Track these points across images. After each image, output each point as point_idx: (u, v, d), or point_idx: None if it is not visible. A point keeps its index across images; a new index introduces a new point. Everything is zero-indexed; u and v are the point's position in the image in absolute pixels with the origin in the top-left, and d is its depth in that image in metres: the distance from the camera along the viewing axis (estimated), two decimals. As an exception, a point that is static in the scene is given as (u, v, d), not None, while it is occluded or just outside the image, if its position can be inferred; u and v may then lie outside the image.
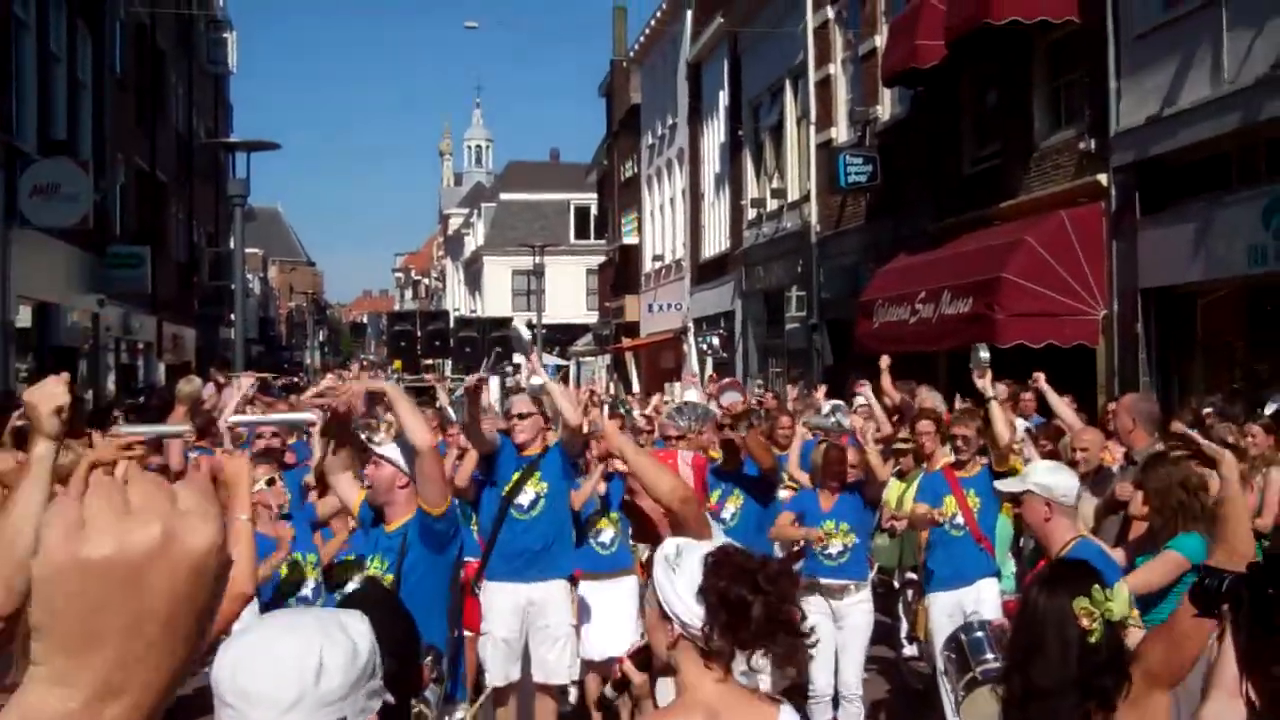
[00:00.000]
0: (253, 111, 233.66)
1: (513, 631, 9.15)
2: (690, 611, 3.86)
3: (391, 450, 6.77)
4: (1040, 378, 11.37)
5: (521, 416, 9.34)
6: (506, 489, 9.12)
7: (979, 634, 5.89)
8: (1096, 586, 4.01)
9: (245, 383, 12.33)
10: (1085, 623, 3.94)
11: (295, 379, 36.14)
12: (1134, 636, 4.23)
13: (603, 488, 10.00)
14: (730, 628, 3.84)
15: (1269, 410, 11.77)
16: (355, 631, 2.73)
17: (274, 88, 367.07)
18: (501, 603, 9.15)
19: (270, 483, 8.36)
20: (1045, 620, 4.05)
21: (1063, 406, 11.28)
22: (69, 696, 1.13)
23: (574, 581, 9.63)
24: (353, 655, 2.66)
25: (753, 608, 3.83)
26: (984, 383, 10.20)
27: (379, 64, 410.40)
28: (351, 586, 6.71)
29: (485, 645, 9.20)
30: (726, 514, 10.51)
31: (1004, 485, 6.85)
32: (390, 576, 6.40)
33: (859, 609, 10.03)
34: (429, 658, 5.39)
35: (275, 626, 2.77)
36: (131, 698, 1.15)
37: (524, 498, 9.13)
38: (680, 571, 4.06)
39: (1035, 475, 6.73)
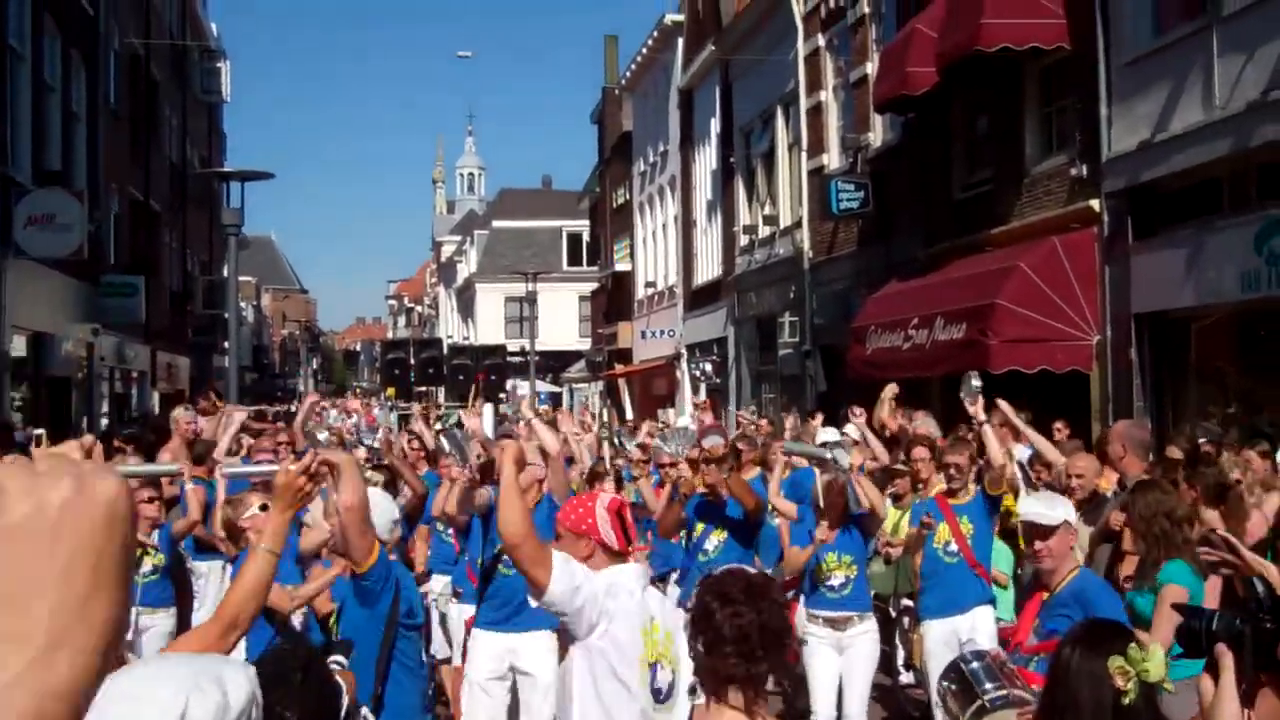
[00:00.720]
0: (247, 139, 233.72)
1: (495, 677, 9.12)
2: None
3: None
4: (1001, 404, 11.34)
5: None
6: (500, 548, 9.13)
7: (975, 665, 5.90)
8: (1133, 646, 3.96)
9: (237, 417, 12.36)
10: (1120, 683, 3.88)
11: (289, 408, 36.11)
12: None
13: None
14: (708, 647, 3.88)
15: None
16: (231, 683, 2.71)
17: (268, 116, 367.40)
18: (487, 649, 9.14)
19: (264, 508, 8.37)
20: (1079, 680, 3.98)
21: (1032, 433, 11.26)
22: (21, 650, 1.20)
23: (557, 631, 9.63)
24: (221, 709, 2.64)
25: (721, 623, 3.86)
26: (975, 409, 10.26)
27: (372, 92, 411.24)
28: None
29: (468, 691, 9.19)
30: (709, 545, 10.53)
31: (1034, 517, 6.84)
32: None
33: (864, 639, 10.04)
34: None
35: (148, 671, 2.76)
36: (78, 642, 1.23)
37: None
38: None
39: (1064, 508, 6.81)
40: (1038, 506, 6.96)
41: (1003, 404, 11.09)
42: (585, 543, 5.64)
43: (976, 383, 10.61)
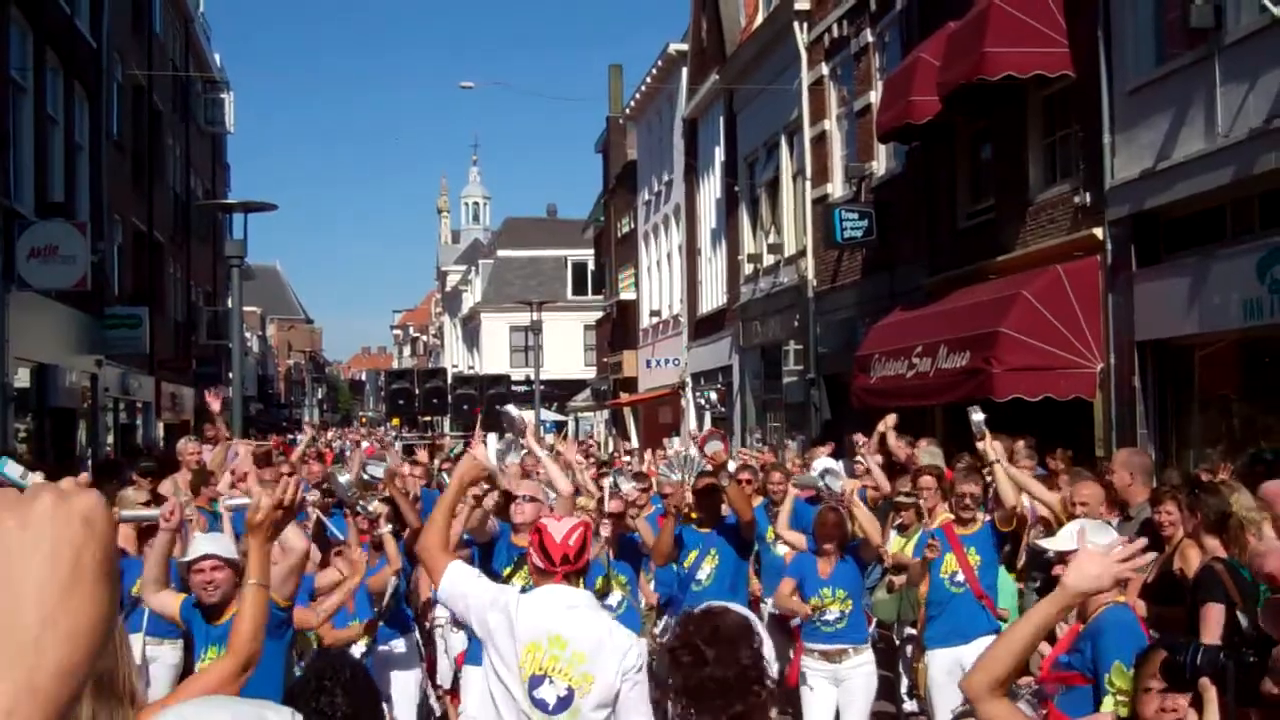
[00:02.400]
0: (251, 170, 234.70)
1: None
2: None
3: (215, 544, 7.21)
4: (997, 465, 11.07)
5: (526, 499, 9.31)
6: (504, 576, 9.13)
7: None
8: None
9: (242, 450, 12.33)
10: None
11: (292, 437, 36.11)
12: None
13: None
14: (672, 691, 3.88)
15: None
16: None
17: (272, 146, 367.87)
18: (479, 685, 9.10)
19: None
20: None
21: (1016, 473, 11.10)
22: (13, 634, 1.35)
23: None
24: None
25: (682, 667, 3.85)
26: (984, 445, 10.21)
27: (376, 122, 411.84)
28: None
29: None
30: (702, 574, 10.52)
31: (1053, 544, 6.75)
32: None
33: (860, 671, 10.01)
34: None
35: (189, 712, 2.72)
36: (64, 627, 1.37)
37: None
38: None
39: (1095, 534, 6.70)
40: (1062, 537, 6.82)
41: (999, 465, 10.61)
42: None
43: (978, 417, 10.56)
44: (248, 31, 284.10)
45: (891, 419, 14.67)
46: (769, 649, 4.09)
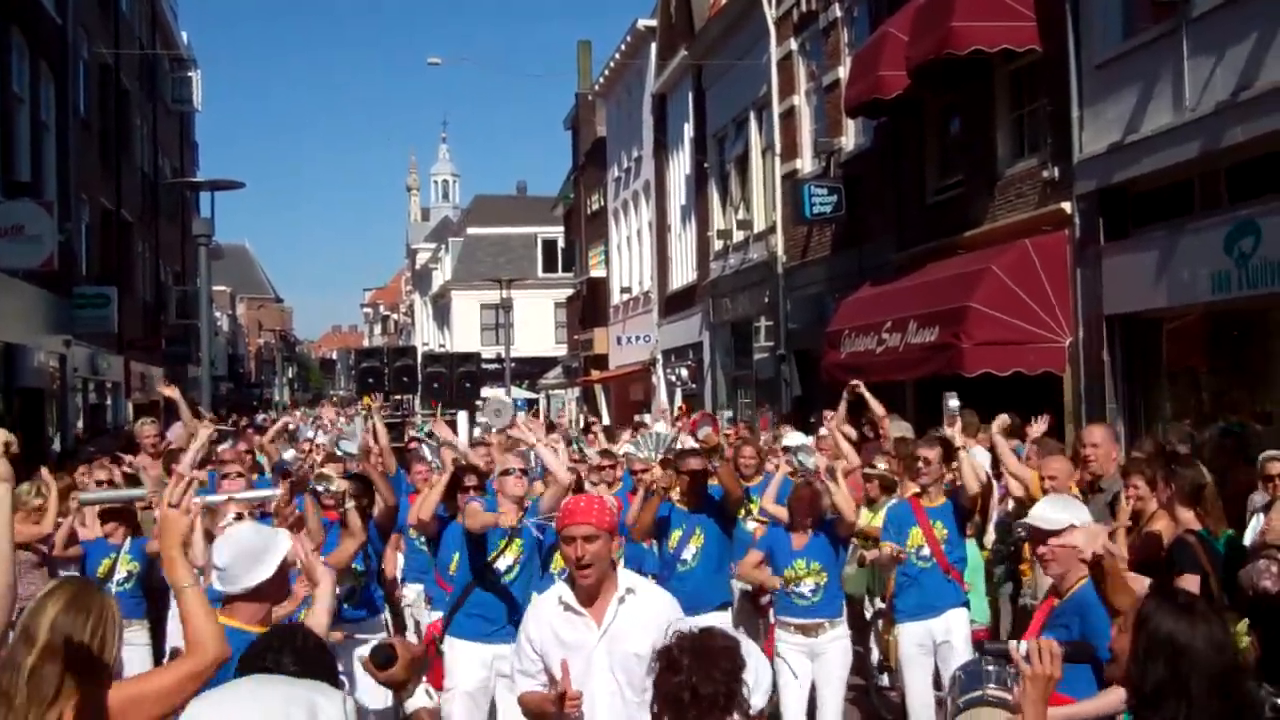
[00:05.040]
0: (219, 149, 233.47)
1: (480, 685, 9.09)
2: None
3: None
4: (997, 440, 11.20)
5: (517, 473, 9.32)
6: (491, 556, 9.13)
7: (992, 666, 5.82)
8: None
9: (203, 433, 12.28)
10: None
11: (261, 418, 35.98)
12: None
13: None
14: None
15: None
16: (324, 712, 2.65)
17: (240, 125, 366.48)
18: (468, 658, 9.10)
19: (240, 517, 8.31)
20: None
21: (1002, 450, 11.16)
22: None
23: None
24: None
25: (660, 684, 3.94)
26: (954, 431, 10.26)
27: (345, 100, 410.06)
28: None
29: (453, 700, 9.13)
30: (688, 554, 10.55)
31: (1037, 520, 6.74)
32: None
33: (836, 645, 10.01)
34: None
35: (242, 694, 2.71)
36: None
37: (502, 563, 9.15)
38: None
39: (1073, 511, 6.71)
40: (1043, 509, 6.79)
41: (964, 453, 10.58)
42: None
43: (954, 404, 10.63)
44: (215, 9, 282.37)
45: (857, 385, 14.38)
46: (752, 676, 4.11)
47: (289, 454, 11.83)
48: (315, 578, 5.96)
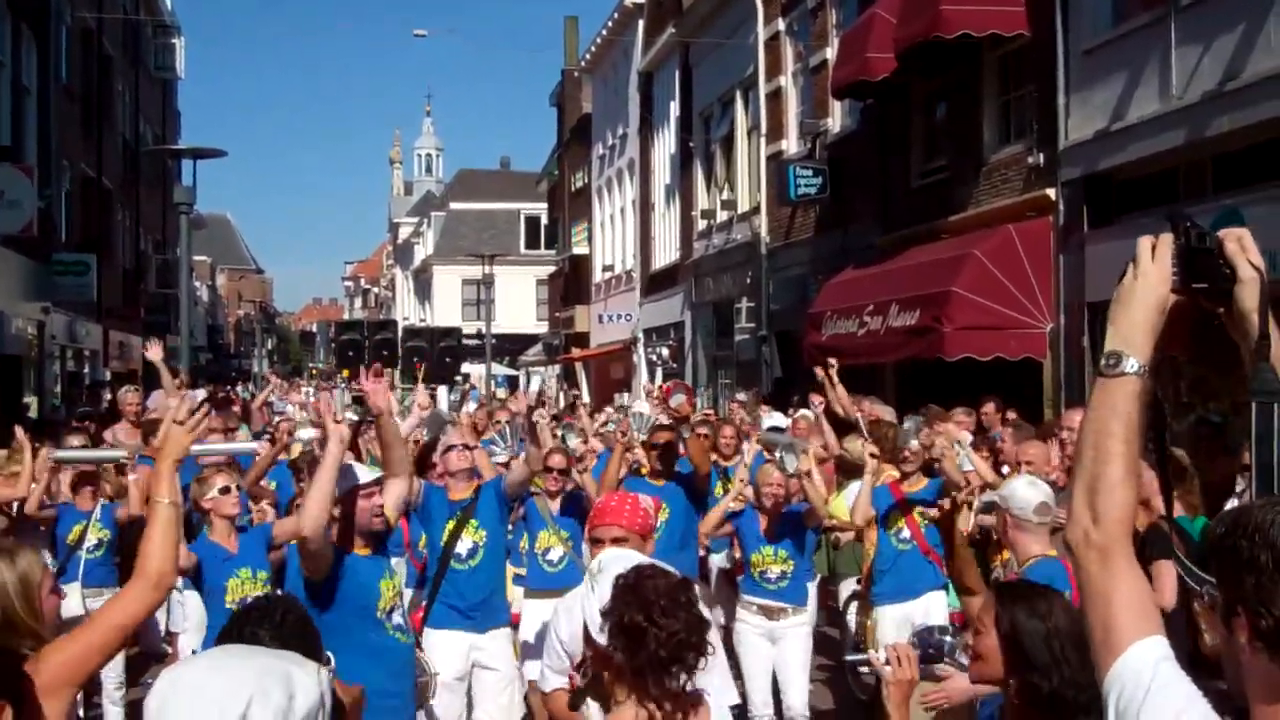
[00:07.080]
0: (202, 118, 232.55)
1: (459, 673, 9.02)
2: (600, 633, 3.87)
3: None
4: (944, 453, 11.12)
5: (459, 448, 9.30)
6: (444, 538, 9.02)
7: (944, 638, 5.81)
8: None
9: (199, 394, 12.22)
10: None
11: (241, 390, 35.86)
12: None
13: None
14: (629, 653, 3.83)
15: None
16: (299, 686, 2.61)
17: (223, 94, 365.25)
18: (447, 647, 9.01)
19: (225, 490, 8.29)
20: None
21: (976, 462, 11.07)
22: None
23: (514, 626, 9.60)
24: (284, 713, 2.54)
25: (648, 638, 3.81)
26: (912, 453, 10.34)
27: (330, 71, 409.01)
28: None
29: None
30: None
31: (994, 498, 6.78)
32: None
33: (796, 631, 9.97)
34: None
35: (212, 665, 2.67)
36: None
37: (462, 546, 9.00)
38: (595, 592, 4.06)
39: (1003, 488, 6.74)
40: (1004, 489, 6.88)
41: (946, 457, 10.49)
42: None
43: (909, 425, 10.67)
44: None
45: (832, 365, 14.17)
46: (708, 612, 4.08)
47: (309, 433, 11.64)
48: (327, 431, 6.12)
